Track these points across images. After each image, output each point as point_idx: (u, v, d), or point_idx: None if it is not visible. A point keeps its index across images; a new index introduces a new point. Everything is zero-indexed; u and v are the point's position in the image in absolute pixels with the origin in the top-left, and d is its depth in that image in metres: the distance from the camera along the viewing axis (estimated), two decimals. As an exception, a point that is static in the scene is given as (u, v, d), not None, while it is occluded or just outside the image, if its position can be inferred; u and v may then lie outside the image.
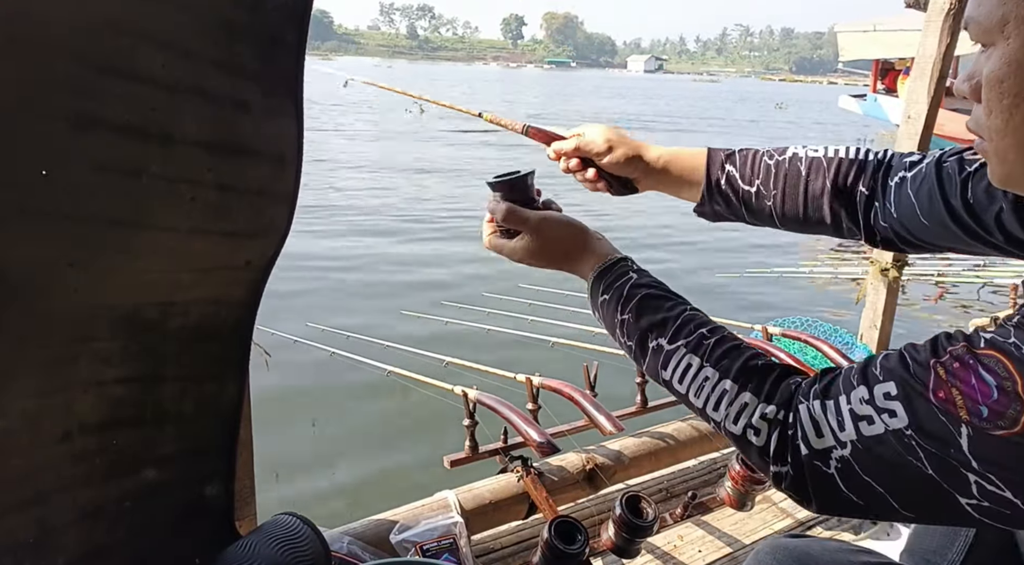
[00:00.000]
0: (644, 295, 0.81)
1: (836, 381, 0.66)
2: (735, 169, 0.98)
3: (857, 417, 0.62)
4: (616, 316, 0.82)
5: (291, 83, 0.91)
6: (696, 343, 0.75)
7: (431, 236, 7.71)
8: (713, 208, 1.01)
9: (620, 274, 0.84)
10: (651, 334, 0.78)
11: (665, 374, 0.77)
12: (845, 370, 0.67)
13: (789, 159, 0.96)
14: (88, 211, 0.79)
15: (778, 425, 0.67)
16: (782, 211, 0.96)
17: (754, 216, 0.99)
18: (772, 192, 0.96)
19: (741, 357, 0.73)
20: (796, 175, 0.95)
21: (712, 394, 0.72)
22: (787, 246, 7.53)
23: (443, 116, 22.22)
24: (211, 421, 1.03)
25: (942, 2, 2.29)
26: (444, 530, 1.50)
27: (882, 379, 0.62)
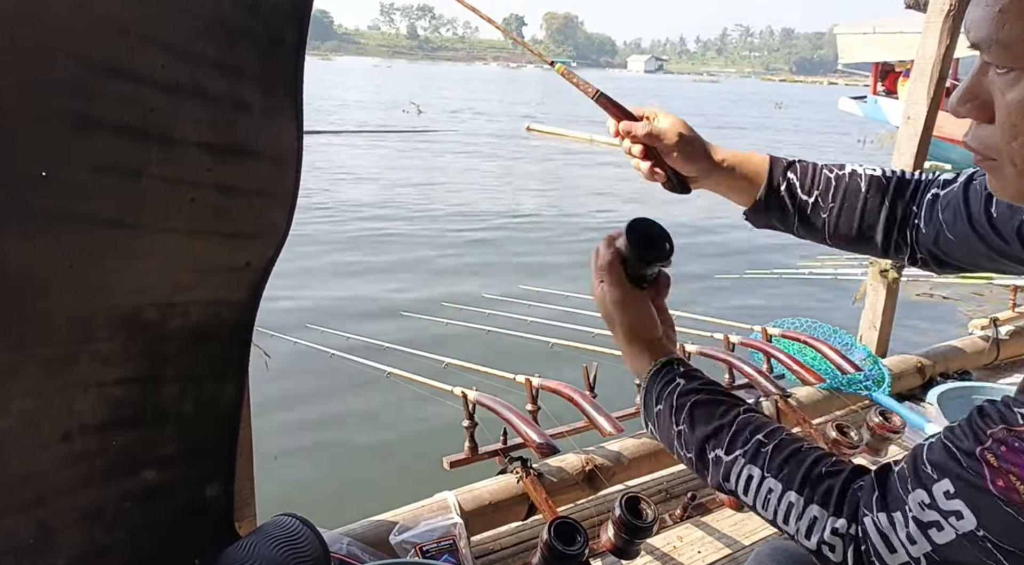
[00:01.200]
0: (695, 402, 0.78)
1: (893, 486, 0.64)
2: (796, 178, 0.97)
3: (923, 525, 0.60)
4: (672, 427, 0.80)
5: (291, 83, 0.91)
6: (754, 452, 0.73)
7: (431, 236, 7.72)
8: (766, 214, 0.99)
9: (667, 382, 0.82)
10: (708, 445, 0.76)
11: (729, 486, 0.74)
12: (897, 472, 0.65)
13: (849, 174, 0.95)
14: (88, 212, 0.79)
15: (851, 541, 0.65)
16: (836, 225, 0.95)
17: (804, 228, 0.98)
18: (830, 205, 0.95)
19: (803, 464, 0.70)
20: (856, 190, 0.94)
21: (779, 508, 0.70)
22: (787, 247, 7.54)
23: (441, 117, 22.22)
24: (211, 422, 1.03)
25: (942, 3, 2.29)
26: (444, 531, 1.50)
27: (936, 478, 0.60)
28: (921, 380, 2.61)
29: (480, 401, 1.71)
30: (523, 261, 6.82)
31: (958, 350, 2.77)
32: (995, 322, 2.89)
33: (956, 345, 2.80)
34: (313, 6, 0.91)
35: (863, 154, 16.60)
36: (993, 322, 2.89)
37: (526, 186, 11.08)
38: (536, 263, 6.73)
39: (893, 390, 2.44)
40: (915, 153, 2.45)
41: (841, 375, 2.27)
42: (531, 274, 6.12)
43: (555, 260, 6.85)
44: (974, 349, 2.81)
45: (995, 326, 2.87)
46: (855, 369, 2.20)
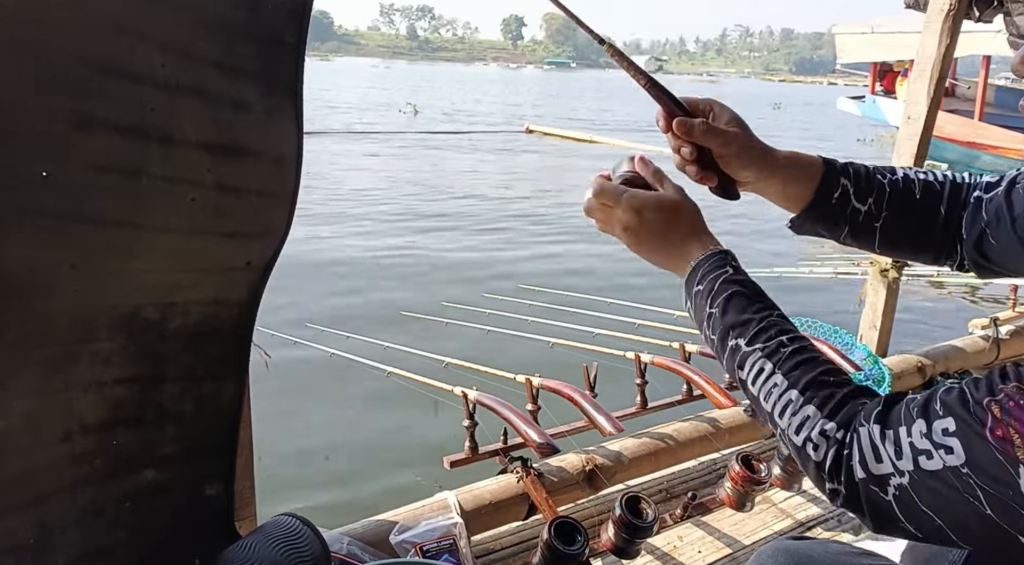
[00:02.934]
0: (734, 292, 0.79)
1: (897, 410, 0.66)
2: (851, 184, 0.92)
3: (916, 451, 0.63)
4: (705, 308, 0.80)
5: (291, 83, 0.91)
6: (773, 349, 0.75)
7: (431, 235, 7.71)
8: (814, 221, 0.94)
9: (717, 265, 0.81)
10: (732, 332, 0.77)
11: (741, 374, 0.77)
12: (907, 400, 0.67)
13: (902, 179, 0.92)
14: (88, 212, 0.79)
15: (836, 443, 0.67)
16: (889, 234, 0.93)
17: (855, 236, 0.94)
18: (883, 213, 0.92)
19: (813, 370, 0.72)
20: (910, 198, 0.91)
21: (779, 402, 0.72)
22: (787, 247, 7.54)
23: (437, 117, 22.19)
24: (211, 422, 1.03)
25: (942, 3, 2.29)
26: (444, 531, 1.50)
27: (941, 415, 0.62)
28: (921, 380, 2.61)
29: (480, 401, 1.71)
30: (523, 261, 6.82)
31: (958, 350, 2.77)
32: (995, 322, 2.89)
33: (956, 345, 2.80)
34: (313, 6, 0.91)
35: (864, 154, 16.61)
36: (993, 322, 2.89)
37: (525, 185, 11.08)
38: (536, 262, 6.73)
39: (893, 390, 2.43)
40: (915, 153, 2.45)
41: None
42: (530, 274, 6.13)
43: (555, 255, 6.85)
44: (974, 349, 2.81)
45: (995, 326, 2.87)
46: (855, 369, 2.20)
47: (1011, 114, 13.38)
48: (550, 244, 7.57)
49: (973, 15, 2.37)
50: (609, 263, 6.63)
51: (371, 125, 18.56)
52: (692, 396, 2.02)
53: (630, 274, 6.23)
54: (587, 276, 6.27)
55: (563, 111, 26.95)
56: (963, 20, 2.34)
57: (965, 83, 14.61)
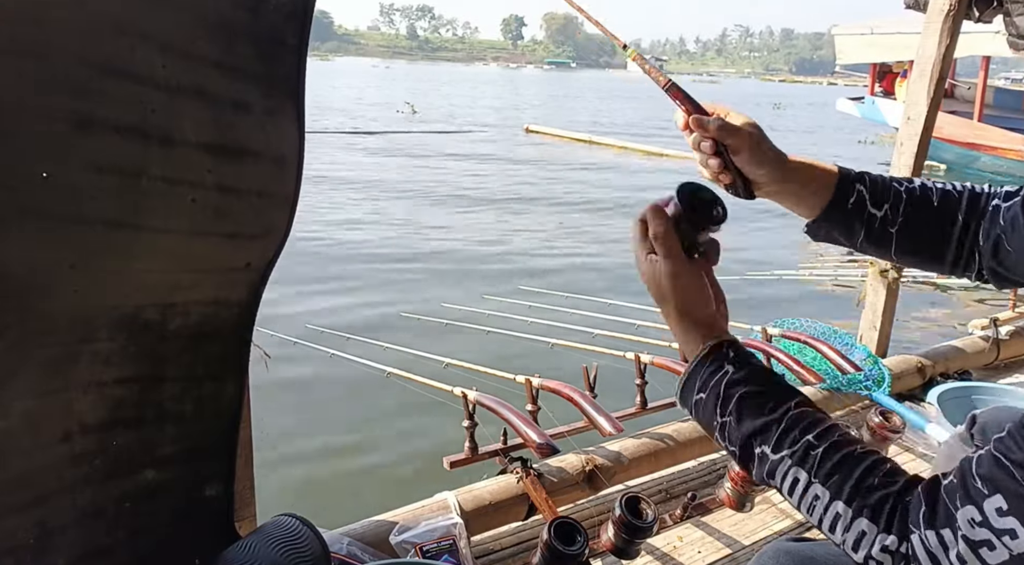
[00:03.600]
0: (743, 395, 0.75)
1: (941, 503, 0.62)
2: (866, 190, 0.92)
3: (974, 545, 0.58)
4: (715, 418, 0.76)
5: (292, 84, 0.91)
6: (803, 454, 0.70)
7: (431, 236, 7.72)
8: (830, 227, 0.94)
9: (715, 369, 0.77)
10: (755, 441, 0.73)
11: (774, 482, 0.72)
12: (945, 487, 0.62)
13: (919, 188, 0.92)
14: (88, 213, 0.79)
15: (901, 559, 0.63)
16: (905, 240, 0.92)
17: (870, 242, 0.93)
18: (899, 219, 0.91)
19: (853, 473, 0.67)
20: (927, 205, 0.91)
21: (825, 516, 0.68)
22: (787, 249, 7.54)
23: (432, 117, 22.17)
24: (211, 422, 1.03)
25: (942, 3, 2.29)
26: (444, 531, 1.50)
27: (987, 493, 0.58)
28: (921, 380, 2.61)
29: (480, 401, 1.71)
30: (522, 259, 6.82)
31: (958, 350, 2.78)
32: (995, 322, 2.89)
33: (956, 345, 2.80)
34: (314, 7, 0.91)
35: (864, 154, 16.61)
36: (993, 322, 2.89)
37: (525, 185, 11.09)
38: (536, 261, 6.73)
39: (893, 390, 2.44)
40: (915, 153, 2.45)
41: (841, 375, 2.27)
42: (531, 274, 6.13)
43: (553, 262, 6.85)
44: (974, 349, 2.81)
45: (995, 326, 2.87)
46: (855, 369, 2.20)
47: (1010, 115, 13.39)
48: (551, 244, 7.57)
49: (973, 15, 2.37)
50: (609, 263, 6.64)
51: (364, 126, 18.49)
52: (692, 396, 2.02)
53: (630, 277, 6.23)
54: (587, 276, 6.27)
55: (565, 113, 26.95)
56: (963, 20, 2.34)
57: (965, 84, 14.62)
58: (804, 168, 0.93)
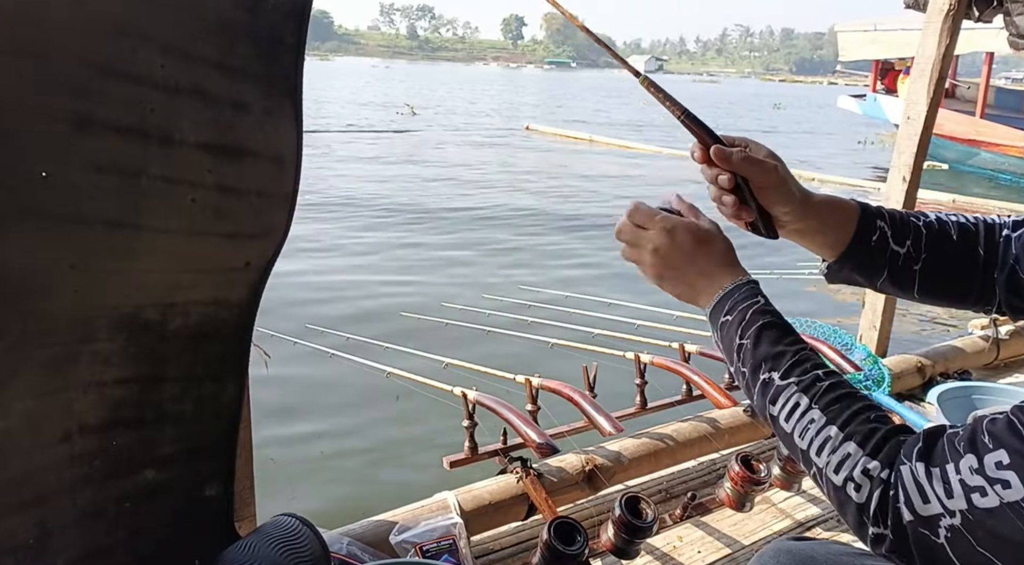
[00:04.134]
0: (766, 323, 0.76)
1: (940, 445, 0.63)
2: (887, 226, 0.90)
3: (968, 488, 0.59)
4: (735, 339, 0.77)
5: (290, 84, 0.91)
6: (809, 383, 0.72)
7: (433, 235, 7.72)
8: (852, 266, 0.91)
9: (749, 295, 0.79)
10: (765, 365, 0.74)
11: (773, 409, 0.73)
12: (949, 434, 0.63)
13: (936, 222, 0.90)
14: (88, 212, 0.79)
15: (881, 484, 0.64)
16: (928, 276, 0.90)
17: (892, 280, 0.91)
18: (922, 255, 0.89)
19: (852, 406, 0.69)
20: (947, 239, 0.89)
21: (816, 438, 0.69)
22: (787, 248, 7.53)
23: (432, 117, 22.13)
24: (211, 422, 1.03)
25: (942, 3, 2.30)
26: (444, 531, 1.50)
27: (992, 447, 0.59)
28: (921, 380, 2.61)
29: (480, 401, 1.71)
30: (523, 259, 6.82)
31: (958, 350, 2.78)
32: (995, 322, 2.89)
33: (956, 345, 2.81)
34: (313, 6, 0.91)
35: (864, 154, 16.61)
36: (993, 322, 2.89)
37: (524, 184, 11.08)
38: (535, 261, 6.73)
39: (893, 390, 2.44)
40: (915, 152, 2.45)
41: (841, 375, 2.27)
42: (531, 274, 6.13)
43: (556, 254, 6.85)
44: (974, 349, 2.81)
45: (995, 326, 2.87)
46: (855, 369, 2.20)
47: (1011, 115, 13.39)
48: (550, 243, 7.57)
49: (973, 15, 2.37)
50: (609, 262, 6.64)
51: (359, 127, 18.45)
52: (692, 396, 2.02)
53: (630, 276, 6.22)
54: (587, 276, 6.27)
55: (565, 112, 26.93)
56: (963, 20, 2.34)
57: (965, 84, 14.62)
58: (826, 205, 0.90)
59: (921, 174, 2.53)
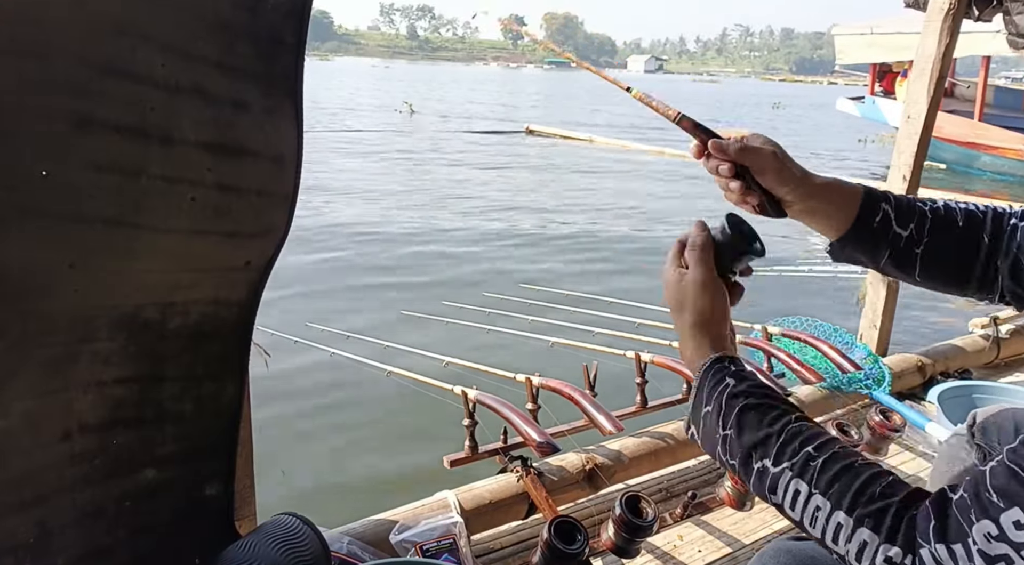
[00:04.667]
0: (743, 407, 0.75)
1: (953, 517, 0.60)
2: (891, 209, 0.91)
3: (990, 559, 0.56)
4: (718, 431, 0.77)
5: (291, 83, 0.91)
6: (802, 465, 0.69)
7: (430, 236, 7.72)
8: (855, 246, 0.92)
9: (717, 381, 0.78)
10: (754, 454, 0.73)
11: (775, 498, 0.71)
12: (957, 500, 0.61)
13: (943, 207, 0.90)
14: (88, 212, 0.79)
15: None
16: (930, 260, 0.90)
17: (895, 263, 0.92)
18: (924, 239, 0.90)
19: (854, 483, 0.66)
20: (952, 226, 0.90)
21: (828, 527, 0.67)
22: (788, 246, 7.54)
23: (430, 120, 22.11)
24: (211, 421, 1.03)
25: (942, 3, 2.29)
26: (444, 530, 1.50)
27: (1003, 506, 0.56)
28: (922, 379, 2.61)
29: (480, 400, 1.71)
30: (522, 259, 6.82)
31: (959, 349, 2.78)
32: (995, 321, 2.89)
33: (957, 344, 2.81)
34: (313, 6, 0.91)
35: (865, 153, 16.60)
36: (994, 321, 2.89)
37: (524, 184, 11.09)
38: (535, 261, 6.73)
39: (893, 389, 2.44)
40: (915, 153, 2.45)
41: (841, 374, 2.27)
42: (531, 274, 6.13)
43: (554, 258, 6.85)
44: (975, 348, 2.81)
45: (995, 325, 2.87)
46: (855, 368, 2.20)
47: (1010, 114, 13.39)
48: (550, 244, 7.57)
49: (973, 14, 2.37)
50: (610, 262, 6.64)
51: (355, 127, 18.41)
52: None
53: (630, 275, 6.23)
54: (587, 276, 6.27)
55: (565, 112, 26.89)
56: (963, 19, 2.34)
57: (964, 83, 14.61)
58: (829, 186, 0.91)
59: (921, 174, 2.54)
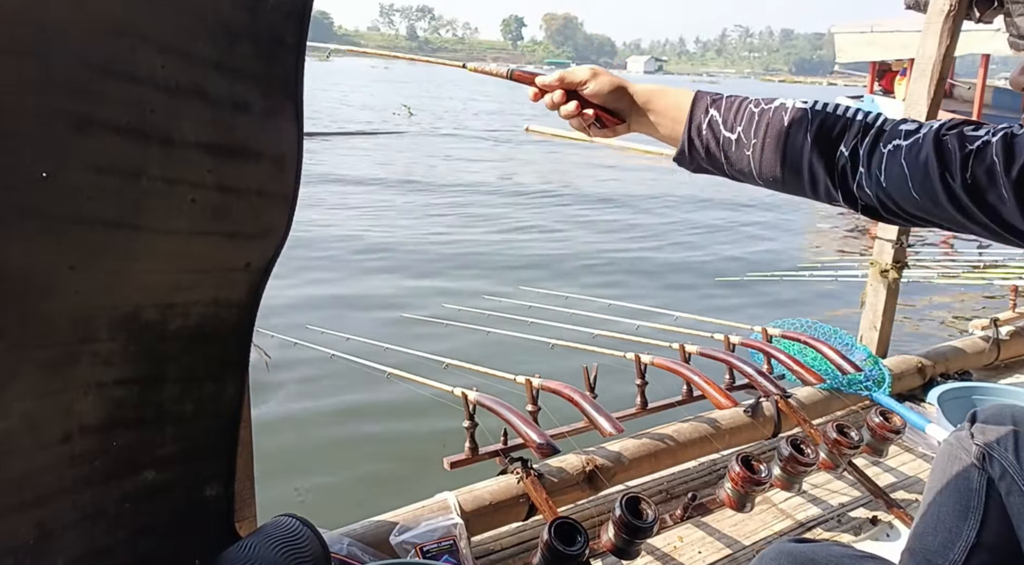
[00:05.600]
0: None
1: None
2: (719, 114, 0.92)
3: None
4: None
5: (291, 84, 0.91)
6: None
7: (431, 236, 7.71)
8: (692, 155, 0.95)
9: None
10: None
11: None
12: None
13: (775, 109, 0.90)
14: (88, 213, 0.79)
15: None
16: (759, 164, 0.90)
17: (733, 167, 0.93)
18: (752, 141, 0.90)
19: None
20: (779, 125, 0.89)
21: None
22: (788, 249, 7.54)
23: (428, 118, 22.09)
24: (211, 422, 1.02)
25: (942, 3, 2.30)
26: (444, 531, 1.50)
27: None
28: (921, 380, 2.61)
29: (480, 401, 1.71)
30: (522, 259, 6.82)
31: (958, 350, 2.77)
32: (995, 322, 2.89)
33: (956, 345, 2.80)
34: (313, 6, 0.91)
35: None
36: (993, 322, 2.89)
37: (523, 184, 11.09)
38: (535, 261, 6.73)
39: (893, 390, 2.44)
40: (915, 153, 2.45)
41: (841, 375, 2.27)
42: (531, 274, 6.13)
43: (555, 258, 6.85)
44: (974, 349, 2.81)
45: (995, 326, 2.87)
46: (855, 369, 2.20)
47: (1008, 115, 13.39)
48: (551, 244, 7.58)
49: (973, 15, 2.37)
50: (609, 262, 6.64)
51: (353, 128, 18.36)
52: (692, 397, 2.02)
53: (630, 274, 6.24)
54: (587, 276, 6.27)
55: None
56: (963, 20, 2.34)
57: (964, 84, 14.62)
58: (656, 94, 0.99)
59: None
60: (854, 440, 1.80)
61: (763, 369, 2.13)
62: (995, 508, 1.12)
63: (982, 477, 1.14)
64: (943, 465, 1.23)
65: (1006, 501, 1.12)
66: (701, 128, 0.93)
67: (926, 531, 1.17)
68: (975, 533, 1.10)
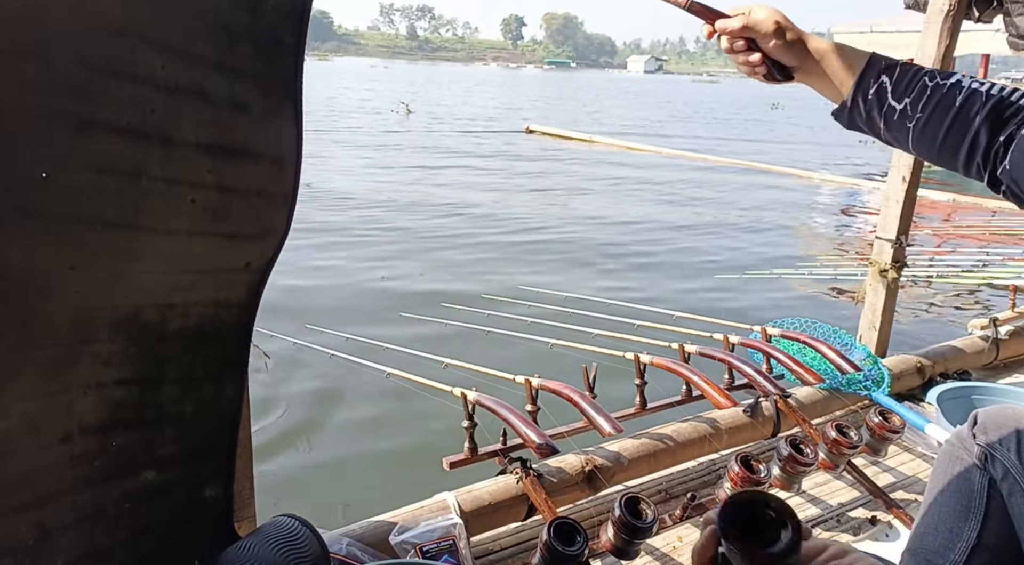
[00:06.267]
0: None
1: None
2: (889, 81, 0.94)
3: None
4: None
5: (290, 84, 0.91)
6: None
7: (430, 236, 7.71)
8: (852, 114, 0.98)
9: None
10: None
11: None
12: None
13: (950, 85, 0.92)
14: (88, 213, 0.79)
15: None
16: (917, 137, 0.94)
17: (889, 133, 0.96)
18: (917, 116, 0.93)
19: None
20: (950, 104, 0.91)
21: None
22: (787, 249, 7.54)
23: (428, 119, 22.07)
24: (210, 423, 1.02)
25: (942, 3, 2.30)
26: (443, 531, 1.50)
27: None
28: (921, 380, 2.61)
29: (480, 402, 1.71)
30: (523, 259, 6.82)
31: (958, 350, 2.78)
32: (995, 322, 2.89)
33: (956, 345, 2.81)
34: (312, 7, 0.91)
35: (864, 154, 16.61)
36: (993, 322, 2.89)
37: (524, 184, 11.09)
38: (535, 260, 6.73)
39: (893, 390, 2.44)
40: (914, 153, 2.45)
41: (840, 375, 2.27)
42: (531, 274, 6.13)
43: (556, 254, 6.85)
44: (974, 349, 2.81)
45: (995, 326, 2.87)
46: (854, 369, 2.20)
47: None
48: (551, 242, 7.58)
49: (973, 15, 2.37)
50: (610, 262, 6.64)
51: (354, 127, 18.35)
52: (691, 397, 2.02)
53: (630, 273, 6.24)
54: (587, 276, 6.27)
55: (566, 113, 26.85)
56: (963, 20, 2.34)
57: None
58: (831, 52, 0.98)
59: (921, 175, 2.53)
60: (853, 440, 1.80)
61: (762, 369, 2.13)
62: (996, 509, 1.12)
63: (984, 477, 1.15)
64: (944, 465, 1.23)
65: (1008, 502, 1.12)
66: (868, 92, 0.96)
67: (927, 531, 1.17)
68: (976, 533, 1.10)
